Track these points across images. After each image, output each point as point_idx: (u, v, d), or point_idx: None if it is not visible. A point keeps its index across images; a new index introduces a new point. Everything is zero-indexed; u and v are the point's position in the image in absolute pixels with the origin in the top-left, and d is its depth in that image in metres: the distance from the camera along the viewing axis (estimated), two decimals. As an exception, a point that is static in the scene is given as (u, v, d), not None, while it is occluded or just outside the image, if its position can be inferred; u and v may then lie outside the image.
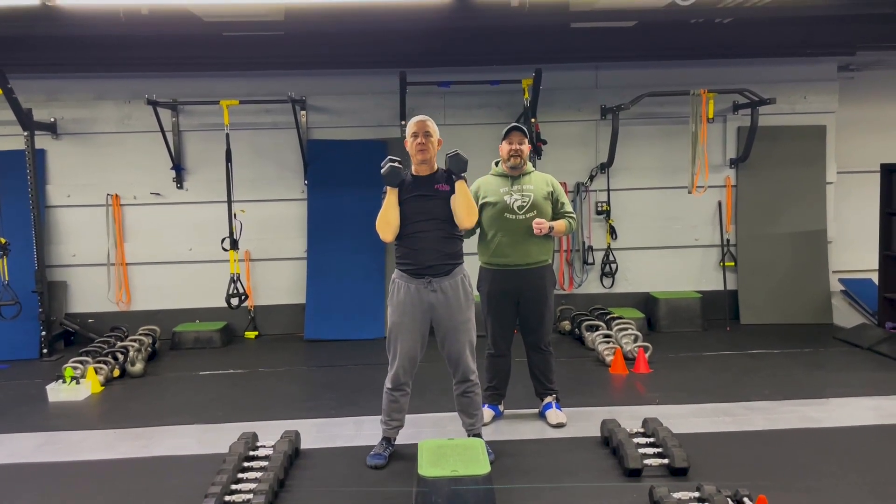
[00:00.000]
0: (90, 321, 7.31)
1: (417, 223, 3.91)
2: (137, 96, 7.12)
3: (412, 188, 3.94)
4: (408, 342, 3.98)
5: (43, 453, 4.42)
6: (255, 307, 7.42)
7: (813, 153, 7.53)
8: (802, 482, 3.74)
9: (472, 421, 4.16)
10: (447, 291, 3.92)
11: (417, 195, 3.92)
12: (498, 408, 4.78)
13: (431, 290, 3.91)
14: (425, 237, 3.90)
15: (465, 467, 3.15)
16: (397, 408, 4.13)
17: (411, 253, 3.92)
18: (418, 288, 3.91)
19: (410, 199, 3.92)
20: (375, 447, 4.17)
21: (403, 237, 3.95)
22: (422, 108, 7.26)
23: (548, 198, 4.45)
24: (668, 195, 7.51)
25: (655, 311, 7.27)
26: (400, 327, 3.98)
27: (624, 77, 7.38)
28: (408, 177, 4.00)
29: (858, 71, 7.76)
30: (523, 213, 4.38)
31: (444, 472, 3.12)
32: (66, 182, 7.28)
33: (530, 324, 4.55)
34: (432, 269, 3.90)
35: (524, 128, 4.42)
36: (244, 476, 3.80)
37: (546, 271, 4.50)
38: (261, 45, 6.86)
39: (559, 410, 4.67)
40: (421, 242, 3.90)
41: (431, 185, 3.94)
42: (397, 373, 4.05)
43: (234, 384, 5.84)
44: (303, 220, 7.38)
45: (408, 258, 3.94)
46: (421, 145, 3.92)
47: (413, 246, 3.91)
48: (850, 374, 5.69)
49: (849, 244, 7.78)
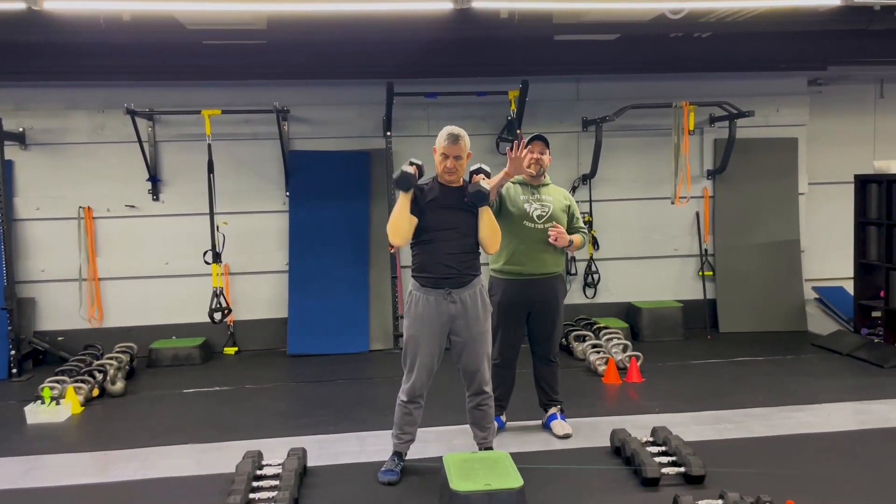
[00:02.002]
0: (60, 339, 7.00)
1: (440, 232, 3.84)
2: (111, 105, 6.90)
3: (437, 198, 3.87)
4: (426, 354, 3.90)
5: (31, 479, 4.20)
6: (235, 322, 7.22)
7: (785, 165, 7.74)
8: (817, 488, 3.79)
9: (485, 434, 4.11)
10: (466, 303, 3.87)
11: (442, 206, 3.85)
12: (501, 419, 4.73)
13: (451, 301, 3.85)
14: (447, 248, 3.84)
15: (497, 481, 3.09)
16: (410, 421, 4.04)
17: (431, 264, 3.86)
18: (437, 299, 3.85)
19: (435, 210, 3.85)
20: (386, 463, 4.07)
21: (423, 246, 3.89)
22: (405, 120, 7.26)
23: (565, 211, 4.49)
24: (649, 206, 7.61)
25: (638, 320, 7.34)
26: (418, 339, 3.90)
27: (604, 90, 7.47)
28: (431, 184, 3.93)
29: (826, 85, 8.02)
30: (542, 223, 4.38)
31: (477, 486, 3.06)
32: (36, 194, 6.98)
33: (540, 335, 4.52)
34: (452, 280, 3.84)
35: (546, 138, 4.43)
36: (256, 497, 3.68)
37: (558, 281, 4.49)
38: (241, 54, 6.71)
39: (564, 421, 4.65)
40: (442, 253, 3.83)
41: (458, 197, 3.88)
42: (414, 385, 3.96)
43: (222, 402, 5.66)
44: (284, 232, 7.24)
45: (427, 269, 3.88)
46: (450, 170, 3.85)
47: (434, 257, 3.85)
48: (835, 379, 5.82)
49: (821, 253, 7.99)
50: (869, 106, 8.19)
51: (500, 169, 4.10)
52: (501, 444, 4.49)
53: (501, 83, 6.99)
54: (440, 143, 3.87)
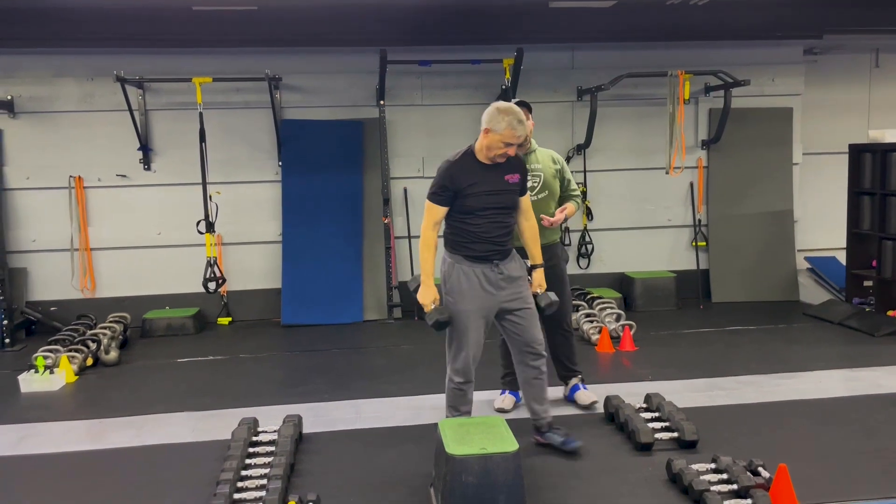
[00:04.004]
0: (53, 309, 6.98)
1: (486, 212, 3.65)
2: (100, 73, 6.81)
3: (481, 182, 3.63)
4: (476, 329, 3.73)
5: (26, 446, 4.20)
6: (228, 292, 7.20)
7: (780, 135, 7.72)
8: (809, 451, 3.83)
9: (545, 407, 3.93)
10: (512, 272, 3.76)
11: (487, 191, 3.64)
12: (518, 394, 4.66)
13: (499, 273, 3.71)
14: (494, 225, 3.67)
15: (493, 445, 3.10)
16: (465, 399, 3.87)
17: (474, 241, 3.67)
18: (484, 271, 3.69)
19: (480, 195, 3.63)
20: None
21: (468, 225, 3.66)
22: (398, 88, 7.19)
23: (556, 176, 4.35)
24: (642, 176, 7.60)
25: (632, 290, 7.36)
26: (468, 316, 3.69)
27: (599, 58, 7.41)
28: (466, 163, 3.65)
29: (822, 54, 7.98)
30: (535, 195, 4.24)
31: (472, 450, 3.07)
32: (25, 163, 6.91)
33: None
34: (499, 253, 3.72)
35: (528, 103, 4.24)
36: (252, 462, 3.70)
37: (558, 248, 4.45)
38: (232, 21, 6.60)
39: (587, 390, 4.60)
40: (486, 231, 3.67)
41: (501, 177, 3.67)
42: (467, 363, 3.75)
43: (217, 371, 5.67)
44: (277, 202, 7.20)
45: (470, 245, 3.68)
46: (505, 157, 3.64)
47: (477, 235, 3.66)
48: (827, 347, 5.87)
49: (813, 223, 8.02)
50: (864, 75, 8.16)
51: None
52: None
53: (496, 51, 6.91)
54: (502, 128, 3.53)
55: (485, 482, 3.03)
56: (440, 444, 3.24)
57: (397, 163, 7.30)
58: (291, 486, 3.53)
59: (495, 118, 3.55)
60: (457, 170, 3.64)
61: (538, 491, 3.42)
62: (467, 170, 3.64)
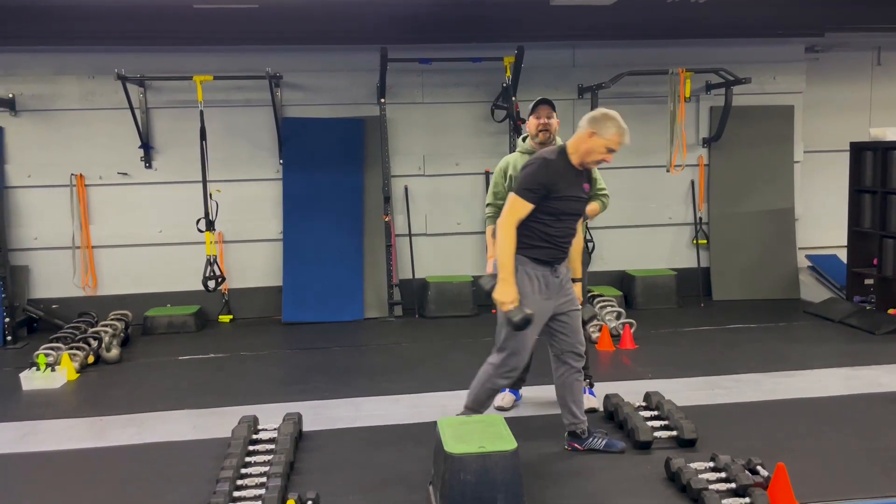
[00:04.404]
0: (54, 307, 6.99)
1: (567, 218, 3.63)
2: (101, 71, 6.82)
3: (571, 186, 3.58)
4: (533, 334, 3.72)
5: (27, 443, 4.22)
6: (229, 290, 7.22)
7: (781, 133, 7.71)
8: (808, 450, 3.84)
9: (582, 410, 3.89)
10: (564, 275, 3.77)
11: (573, 197, 3.61)
12: (518, 392, 4.68)
13: (555, 276, 3.70)
14: (568, 231, 3.67)
15: (491, 443, 3.11)
16: (492, 401, 3.92)
17: (550, 245, 3.63)
18: (545, 275, 3.66)
19: (568, 200, 3.57)
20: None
21: (547, 227, 3.60)
22: (399, 87, 7.19)
23: None
24: (643, 174, 7.59)
25: (632, 288, 7.37)
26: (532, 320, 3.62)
27: (600, 56, 7.41)
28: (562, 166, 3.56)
29: (823, 52, 7.97)
30: None
31: (471, 448, 3.07)
32: (27, 161, 6.92)
33: None
34: (561, 260, 3.72)
35: (552, 101, 4.17)
36: (252, 460, 3.71)
37: None
38: (233, 20, 6.61)
39: (592, 395, 4.57)
40: (564, 235, 3.66)
41: (581, 185, 3.65)
42: (518, 368, 3.74)
43: (217, 369, 5.68)
44: (278, 200, 7.20)
45: (546, 248, 3.62)
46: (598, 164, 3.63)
47: (557, 237, 3.63)
48: (827, 346, 5.87)
49: (814, 222, 8.01)
50: (865, 73, 8.15)
51: (496, 136, 3.96)
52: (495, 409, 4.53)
53: (497, 49, 6.91)
54: (610, 133, 3.49)
55: (483, 480, 3.04)
56: (439, 443, 3.25)
57: (398, 161, 7.31)
58: (291, 484, 3.54)
59: (602, 122, 3.49)
60: (555, 170, 3.55)
61: (537, 489, 3.43)
62: (563, 172, 3.56)
